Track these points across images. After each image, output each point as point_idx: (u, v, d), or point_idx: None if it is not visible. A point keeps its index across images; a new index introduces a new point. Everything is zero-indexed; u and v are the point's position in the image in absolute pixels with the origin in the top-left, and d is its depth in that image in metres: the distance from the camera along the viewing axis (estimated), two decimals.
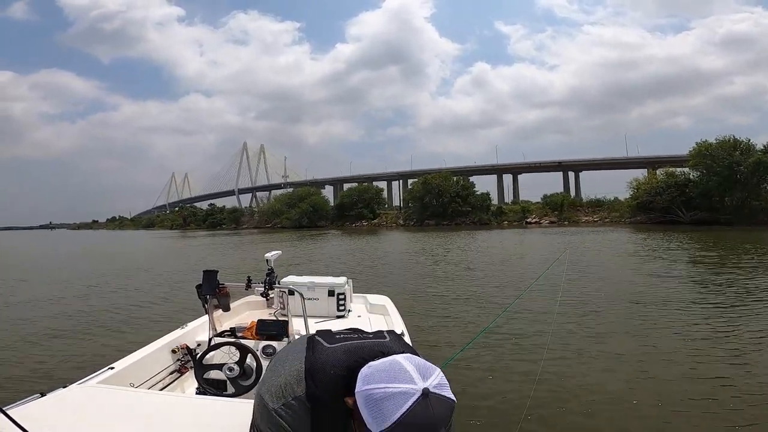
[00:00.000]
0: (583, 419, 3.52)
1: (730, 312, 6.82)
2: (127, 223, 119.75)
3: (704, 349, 5.12)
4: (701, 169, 38.91)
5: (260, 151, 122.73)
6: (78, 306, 8.72)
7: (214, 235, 50.29)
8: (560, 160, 76.71)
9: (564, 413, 3.60)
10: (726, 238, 21.18)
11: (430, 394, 0.94)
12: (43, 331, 6.70)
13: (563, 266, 9.62)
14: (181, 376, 2.78)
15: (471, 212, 54.74)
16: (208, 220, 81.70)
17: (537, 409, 3.59)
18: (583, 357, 4.94)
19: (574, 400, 3.83)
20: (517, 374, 4.45)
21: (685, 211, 38.83)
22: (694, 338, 5.57)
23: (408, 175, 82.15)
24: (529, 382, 4.03)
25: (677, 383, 4.17)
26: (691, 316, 6.61)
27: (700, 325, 6.14)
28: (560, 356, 4.91)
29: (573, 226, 43.68)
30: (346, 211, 63.45)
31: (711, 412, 3.55)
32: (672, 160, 51.97)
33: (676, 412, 3.58)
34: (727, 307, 7.17)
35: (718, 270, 11.12)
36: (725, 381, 4.16)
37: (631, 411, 3.65)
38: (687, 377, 4.32)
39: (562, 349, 5.13)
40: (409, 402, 0.93)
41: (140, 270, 15.49)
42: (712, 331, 5.84)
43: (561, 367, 4.60)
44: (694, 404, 3.72)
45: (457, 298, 8.55)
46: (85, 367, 4.29)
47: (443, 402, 0.95)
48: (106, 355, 4.40)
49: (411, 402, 0.93)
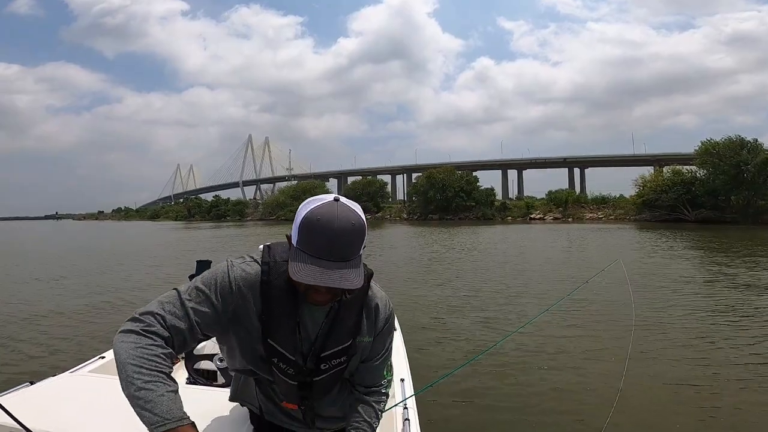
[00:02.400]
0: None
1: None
2: (132, 214, 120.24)
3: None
4: (708, 167, 38.60)
5: (265, 144, 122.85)
6: (68, 295, 8.70)
7: (218, 227, 50.45)
8: (566, 156, 76.28)
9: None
10: (748, 237, 20.51)
11: (340, 201, 1.08)
12: (33, 318, 6.69)
13: (619, 276, 7.10)
14: (173, 365, 2.78)
15: (475, 207, 54.61)
16: (213, 211, 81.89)
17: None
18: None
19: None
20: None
21: (690, 210, 38.57)
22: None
23: (412, 169, 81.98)
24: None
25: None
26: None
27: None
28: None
29: (577, 222, 43.46)
30: None
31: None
32: (678, 158, 51.51)
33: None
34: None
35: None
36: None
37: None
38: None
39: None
40: (319, 203, 1.07)
41: (137, 259, 15.55)
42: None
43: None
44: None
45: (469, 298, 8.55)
46: (75, 357, 4.29)
47: (349, 210, 1.06)
48: (95, 345, 4.40)
49: (320, 203, 1.07)
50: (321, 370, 1.22)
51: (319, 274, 1.01)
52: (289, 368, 1.20)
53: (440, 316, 6.69)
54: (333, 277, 1.01)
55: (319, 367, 1.22)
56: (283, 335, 1.18)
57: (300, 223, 1.05)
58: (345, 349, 1.22)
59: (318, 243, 1.02)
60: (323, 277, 1.01)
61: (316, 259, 1.02)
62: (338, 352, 1.22)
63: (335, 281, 1.01)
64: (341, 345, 1.22)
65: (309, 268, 1.01)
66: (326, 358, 1.21)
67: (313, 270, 1.01)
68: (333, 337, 1.21)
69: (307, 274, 1.01)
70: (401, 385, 2.16)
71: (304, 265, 1.02)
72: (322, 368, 1.22)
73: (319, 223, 1.02)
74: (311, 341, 1.21)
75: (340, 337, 1.21)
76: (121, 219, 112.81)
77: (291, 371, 1.21)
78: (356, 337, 1.23)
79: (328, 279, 1.01)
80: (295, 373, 1.21)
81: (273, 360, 1.19)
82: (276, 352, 1.18)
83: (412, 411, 1.82)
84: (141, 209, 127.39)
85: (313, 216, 1.04)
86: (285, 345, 1.18)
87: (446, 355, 4.91)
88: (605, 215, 48.11)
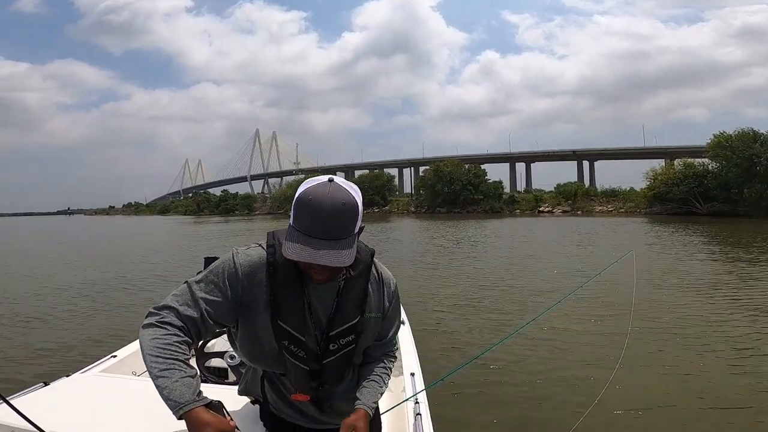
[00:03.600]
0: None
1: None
2: (142, 209, 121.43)
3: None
4: (720, 160, 37.97)
5: (272, 138, 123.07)
6: (78, 292, 8.81)
7: (227, 221, 50.78)
8: (575, 149, 75.42)
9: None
10: (763, 231, 20.02)
11: (334, 182, 1.10)
12: (44, 317, 6.74)
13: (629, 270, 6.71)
14: None
15: (483, 200, 54.33)
16: (222, 206, 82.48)
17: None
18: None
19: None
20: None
21: (702, 203, 38.05)
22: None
23: (419, 162, 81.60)
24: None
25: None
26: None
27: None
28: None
29: (586, 215, 43.07)
30: None
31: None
32: (690, 151, 50.71)
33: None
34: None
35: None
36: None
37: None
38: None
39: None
40: (314, 183, 1.10)
41: (151, 256, 15.71)
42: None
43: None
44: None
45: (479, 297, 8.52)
46: (87, 355, 4.36)
47: (342, 191, 1.08)
48: (108, 343, 4.43)
49: (315, 183, 1.10)
50: (330, 351, 1.22)
51: (306, 252, 1.03)
52: (300, 351, 1.20)
53: (450, 310, 6.70)
54: (321, 254, 1.03)
55: (328, 347, 1.22)
56: (293, 316, 1.19)
57: (294, 202, 1.09)
58: (353, 326, 1.23)
59: (308, 221, 1.05)
60: (311, 254, 1.03)
61: (306, 237, 1.05)
62: (346, 330, 1.22)
63: (322, 259, 1.03)
64: (349, 323, 1.22)
65: (298, 247, 1.04)
66: (335, 337, 1.22)
67: (302, 248, 1.04)
68: (340, 315, 1.22)
69: (294, 251, 1.04)
70: (411, 379, 2.15)
71: (293, 244, 1.05)
72: (332, 348, 1.22)
73: (311, 202, 1.05)
74: (321, 321, 1.22)
75: (347, 315, 1.22)
76: (131, 214, 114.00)
77: (302, 354, 1.20)
78: (364, 313, 1.24)
79: (315, 256, 1.03)
80: (306, 355, 1.21)
81: (284, 343, 1.19)
82: (286, 333, 1.19)
83: (423, 406, 1.82)
84: (151, 204, 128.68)
85: (306, 195, 1.07)
86: (295, 326, 1.19)
87: (457, 350, 4.92)
88: (615, 208, 47.59)
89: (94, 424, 1.42)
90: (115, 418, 1.45)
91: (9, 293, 8.63)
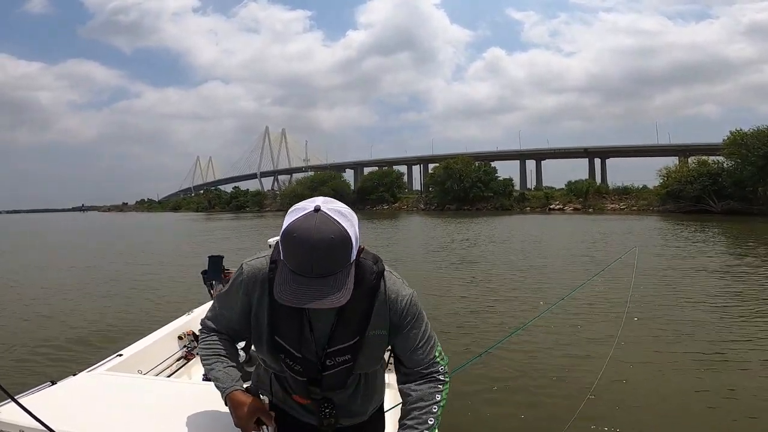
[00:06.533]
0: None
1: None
2: (155, 206, 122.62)
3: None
4: (735, 158, 37.23)
5: (281, 135, 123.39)
6: (85, 290, 8.91)
7: (238, 217, 51.20)
8: (586, 147, 74.44)
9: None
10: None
11: (321, 211, 1.05)
12: (53, 315, 6.83)
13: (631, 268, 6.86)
14: (188, 362, 2.79)
15: (493, 198, 54.01)
16: (233, 202, 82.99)
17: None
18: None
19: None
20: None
21: (716, 201, 37.38)
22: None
23: (428, 159, 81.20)
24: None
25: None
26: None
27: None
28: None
29: (598, 213, 42.60)
30: (367, 194, 63.52)
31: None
32: (704, 149, 49.78)
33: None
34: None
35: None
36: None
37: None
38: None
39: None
40: (299, 214, 1.06)
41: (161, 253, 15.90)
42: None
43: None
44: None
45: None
46: (93, 354, 4.40)
47: (329, 222, 1.03)
48: (116, 341, 4.49)
49: (300, 214, 1.06)
50: (327, 366, 1.22)
51: (295, 295, 1.03)
52: (295, 365, 1.22)
53: (459, 304, 6.75)
54: (309, 294, 1.02)
55: (324, 363, 1.22)
56: (290, 333, 1.20)
57: (280, 237, 1.07)
58: (350, 346, 1.21)
59: (296, 259, 1.03)
60: (300, 300, 1.03)
61: (296, 276, 1.04)
62: (342, 349, 1.21)
63: (310, 300, 1.02)
64: (347, 343, 1.21)
65: (288, 288, 1.04)
66: (331, 355, 1.22)
67: (292, 289, 1.03)
68: (339, 335, 1.21)
69: (285, 295, 1.04)
70: None
71: (283, 285, 1.05)
72: (328, 364, 1.22)
73: (295, 238, 1.02)
74: (320, 339, 1.22)
75: (346, 335, 1.21)
76: (144, 210, 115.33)
77: (298, 368, 1.22)
78: (364, 333, 1.22)
79: (303, 298, 1.02)
80: (302, 369, 1.22)
81: (280, 356, 1.22)
82: (283, 348, 1.21)
83: None
84: (163, 200, 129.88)
85: (291, 231, 1.04)
86: (292, 342, 1.21)
87: (464, 344, 5.01)
88: (627, 206, 46.93)
89: (102, 422, 1.44)
90: (121, 417, 1.47)
91: (21, 292, 8.79)
